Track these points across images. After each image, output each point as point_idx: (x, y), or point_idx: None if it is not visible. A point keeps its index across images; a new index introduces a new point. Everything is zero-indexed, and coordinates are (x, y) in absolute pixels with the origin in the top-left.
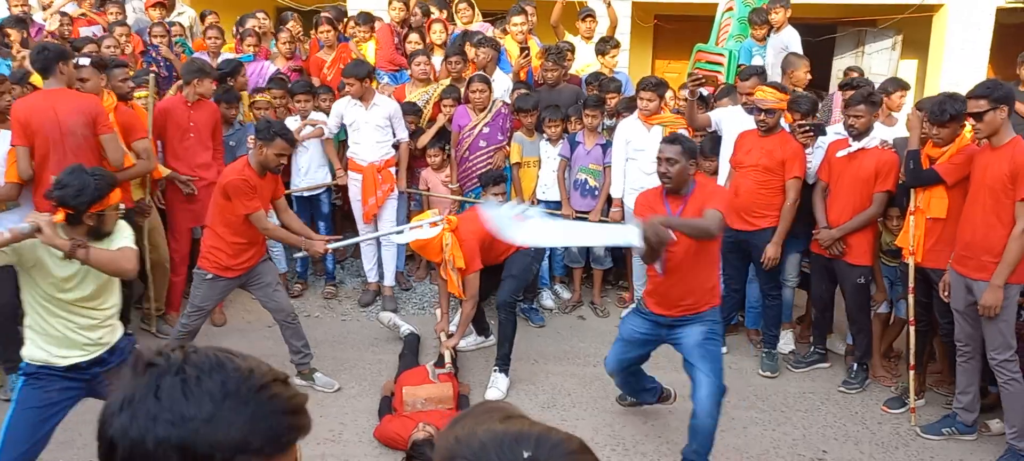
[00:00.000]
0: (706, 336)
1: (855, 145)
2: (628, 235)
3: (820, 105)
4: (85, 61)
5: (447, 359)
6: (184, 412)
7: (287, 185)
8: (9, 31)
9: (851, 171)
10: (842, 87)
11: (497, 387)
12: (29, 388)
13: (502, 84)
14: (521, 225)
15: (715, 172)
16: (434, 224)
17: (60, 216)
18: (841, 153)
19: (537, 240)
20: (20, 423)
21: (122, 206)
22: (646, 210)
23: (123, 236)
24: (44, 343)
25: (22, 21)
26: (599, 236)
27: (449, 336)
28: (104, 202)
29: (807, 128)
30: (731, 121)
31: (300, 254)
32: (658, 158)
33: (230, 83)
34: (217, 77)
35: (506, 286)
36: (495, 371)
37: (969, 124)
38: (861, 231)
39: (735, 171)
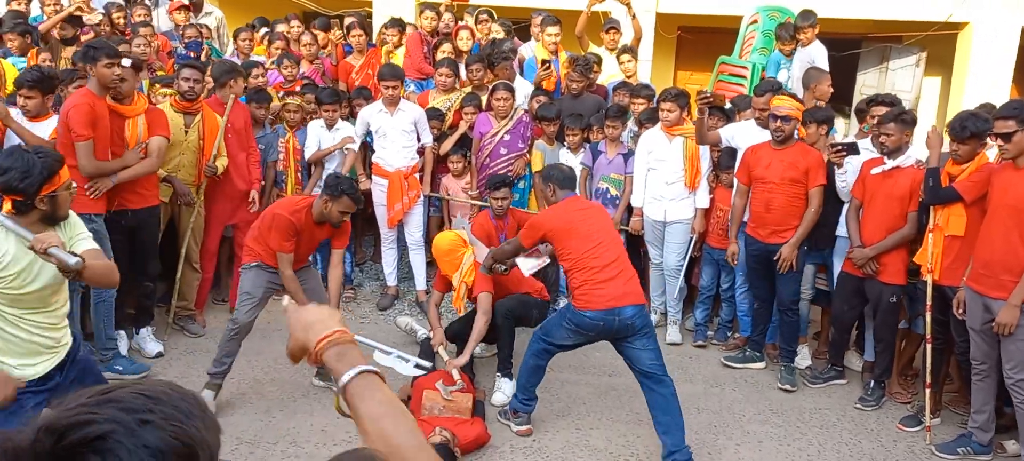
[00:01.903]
0: None
1: (890, 163)
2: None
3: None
4: (126, 62)
5: (456, 376)
6: None
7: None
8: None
9: (886, 189)
10: (870, 103)
11: (503, 391)
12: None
13: (521, 90)
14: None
15: (731, 183)
16: (420, 367)
17: (8, 206)
18: (876, 170)
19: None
20: None
21: (73, 185)
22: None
23: (81, 232)
24: (9, 359)
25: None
26: (482, 256)
27: (447, 347)
28: (54, 182)
29: (840, 148)
30: (745, 135)
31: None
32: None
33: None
34: (246, 75)
35: (508, 300)
36: (498, 376)
37: (995, 144)
38: (895, 250)
39: (753, 186)
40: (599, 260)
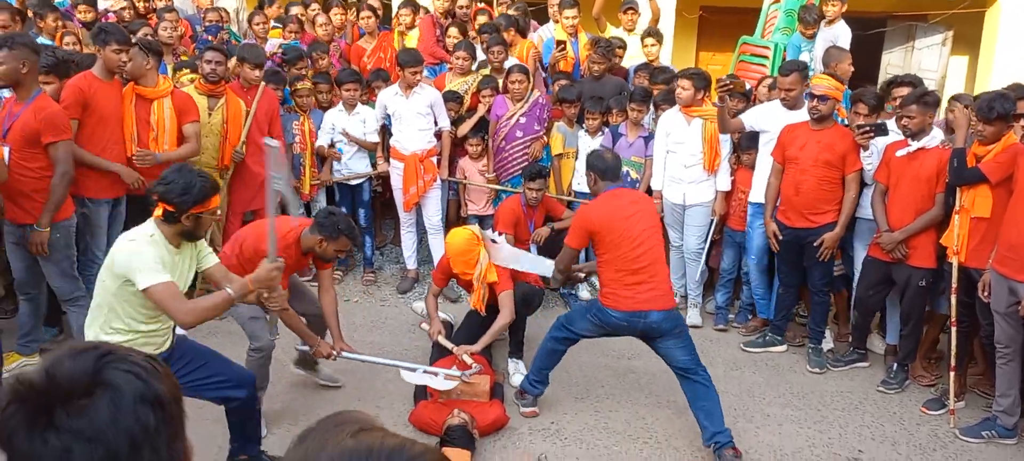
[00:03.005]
0: None
1: (915, 145)
2: (547, 269)
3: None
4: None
5: (469, 361)
6: None
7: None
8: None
9: (912, 172)
10: (891, 84)
11: (521, 373)
12: None
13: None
14: (494, 248)
15: (753, 165)
16: (450, 377)
17: (159, 212)
18: (900, 152)
19: (503, 261)
20: None
21: (219, 212)
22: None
23: (205, 249)
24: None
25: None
26: (534, 265)
27: (444, 335)
28: (206, 204)
29: (867, 129)
30: (769, 117)
31: (303, 347)
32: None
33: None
34: (261, 63)
35: (518, 287)
36: (511, 360)
37: (1019, 125)
38: (925, 232)
39: (786, 166)
40: (636, 263)
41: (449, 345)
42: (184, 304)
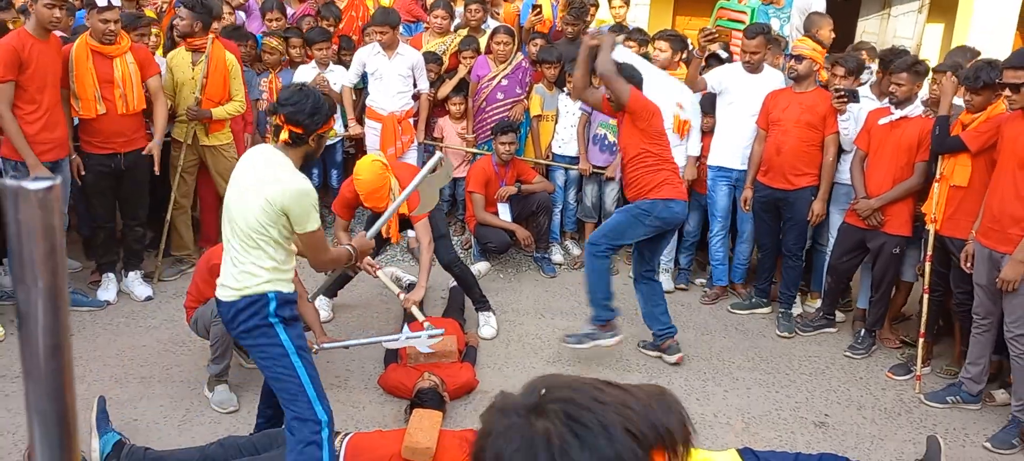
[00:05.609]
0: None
1: (897, 113)
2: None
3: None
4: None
5: (417, 313)
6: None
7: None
8: None
9: (893, 140)
10: (884, 55)
11: (490, 324)
12: (293, 330)
13: None
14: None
15: (712, 129)
16: (433, 336)
17: (285, 135)
18: (883, 120)
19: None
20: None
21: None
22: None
23: None
24: (286, 279)
25: None
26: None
27: (397, 285)
28: (329, 123)
29: (842, 93)
30: (729, 78)
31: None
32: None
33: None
34: (218, 15)
35: (441, 247)
36: (480, 313)
37: (1004, 95)
38: (902, 201)
39: (769, 129)
40: (672, 160)
41: (397, 289)
42: (327, 251)
